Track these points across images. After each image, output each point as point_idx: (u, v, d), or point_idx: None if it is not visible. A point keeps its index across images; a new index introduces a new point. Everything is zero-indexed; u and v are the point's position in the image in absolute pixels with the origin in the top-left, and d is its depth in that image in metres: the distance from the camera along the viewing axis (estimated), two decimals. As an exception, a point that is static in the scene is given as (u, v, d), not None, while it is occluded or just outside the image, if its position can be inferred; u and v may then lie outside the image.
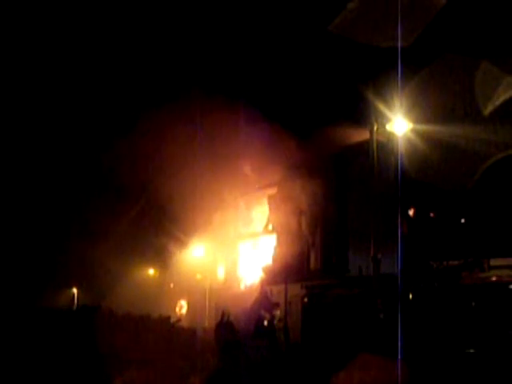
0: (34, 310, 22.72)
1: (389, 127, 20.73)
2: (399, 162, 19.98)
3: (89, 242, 31.38)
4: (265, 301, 27.53)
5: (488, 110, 20.76)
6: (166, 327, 25.74)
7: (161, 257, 36.85)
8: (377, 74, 22.72)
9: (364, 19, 21.77)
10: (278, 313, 26.28)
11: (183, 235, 34.10)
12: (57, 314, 23.30)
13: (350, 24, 21.84)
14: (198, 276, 35.84)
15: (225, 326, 27.42)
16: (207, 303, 31.10)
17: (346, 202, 26.74)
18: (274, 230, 31.39)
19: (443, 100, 21.66)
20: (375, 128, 21.38)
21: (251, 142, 31.39)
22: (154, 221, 33.52)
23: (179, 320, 32.74)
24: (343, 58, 26.44)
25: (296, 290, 26.16)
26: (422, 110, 21.20)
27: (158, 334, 22.90)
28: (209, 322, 29.98)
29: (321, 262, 27.94)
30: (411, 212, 23.02)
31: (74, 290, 35.15)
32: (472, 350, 17.61)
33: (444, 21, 21.60)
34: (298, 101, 30.54)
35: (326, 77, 28.25)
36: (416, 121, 20.75)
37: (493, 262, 20.71)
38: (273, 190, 31.46)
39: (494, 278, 20.20)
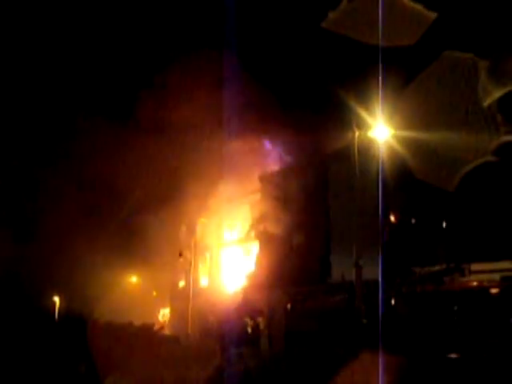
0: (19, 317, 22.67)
1: (370, 133, 20.89)
2: (380, 167, 20.09)
3: (70, 249, 31.06)
4: (248, 308, 27.46)
5: (470, 116, 20.95)
6: (149, 335, 25.56)
7: (144, 264, 36.61)
8: (358, 80, 22.82)
9: (349, 24, 21.76)
10: (261, 320, 26.23)
11: (166, 242, 33.91)
12: (40, 322, 23.21)
13: (335, 25, 21.78)
14: (181, 283, 35.66)
15: (208, 333, 27.32)
16: (190, 310, 30.90)
17: (328, 208, 26.79)
18: (256, 236, 31.36)
19: (424, 107, 21.79)
20: (357, 134, 21.53)
21: (234, 149, 31.41)
22: (137, 227, 33.31)
23: (162, 328, 32.53)
24: (325, 65, 26.55)
25: (279, 296, 26.10)
26: (403, 117, 21.32)
27: (141, 342, 22.71)
28: (192, 329, 29.78)
29: (303, 269, 27.91)
30: (393, 217, 23.18)
31: (56, 299, 34.78)
32: (454, 355, 17.66)
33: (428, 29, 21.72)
34: (281, 106, 30.57)
35: (308, 83, 28.34)
36: (397, 127, 20.90)
37: (473, 267, 20.87)
38: (255, 197, 31.44)
39: (474, 283, 20.35)
